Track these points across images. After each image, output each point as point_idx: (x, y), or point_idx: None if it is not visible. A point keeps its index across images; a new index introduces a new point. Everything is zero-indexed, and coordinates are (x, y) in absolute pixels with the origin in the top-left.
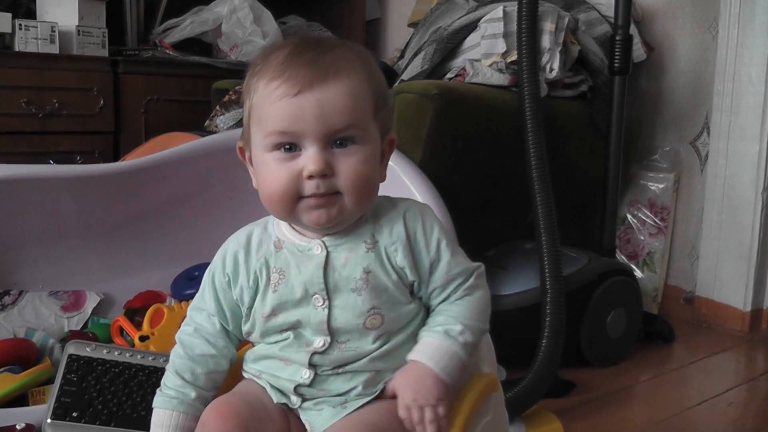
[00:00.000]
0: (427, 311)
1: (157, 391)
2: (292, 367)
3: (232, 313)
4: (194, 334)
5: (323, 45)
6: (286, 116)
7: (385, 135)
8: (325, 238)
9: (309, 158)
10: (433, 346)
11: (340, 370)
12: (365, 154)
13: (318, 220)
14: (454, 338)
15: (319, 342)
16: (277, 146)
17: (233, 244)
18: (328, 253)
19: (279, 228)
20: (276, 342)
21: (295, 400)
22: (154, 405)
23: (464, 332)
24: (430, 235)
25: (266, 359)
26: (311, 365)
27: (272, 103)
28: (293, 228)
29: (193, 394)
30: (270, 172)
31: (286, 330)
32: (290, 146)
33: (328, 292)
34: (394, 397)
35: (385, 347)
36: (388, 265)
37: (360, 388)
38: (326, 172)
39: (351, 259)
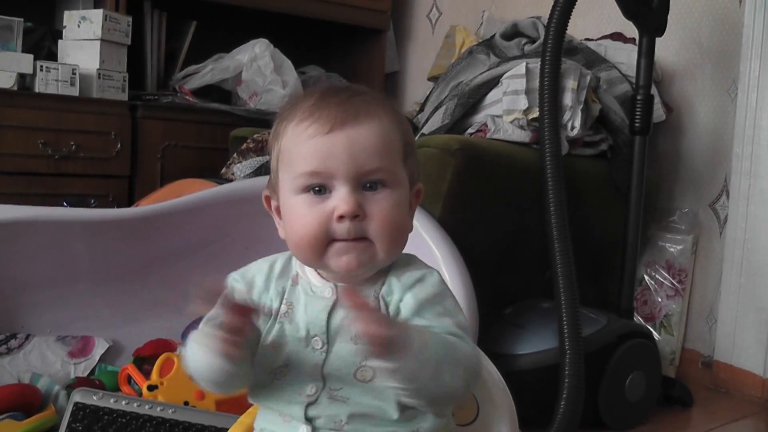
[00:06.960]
0: None
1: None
2: (289, 424)
3: None
4: None
5: (352, 90)
6: (316, 155)
7: (413, 184)
8: (339, 283)
9: (340, 199)
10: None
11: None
12: (396, 198)
13: (348, 265)
14: (413, 326)
15: (311, 389)
16: (307, 188)
17: (254, 271)
18: (337, 298)
19: (300, 263)
20: (272, 384)
21: None
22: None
23: (426, 335)
24: (432, 308)
25: (265, 410)
26: (308, 420)
27: (302, 143)
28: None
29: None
30: (299, 215)
31: (280, 369)
32: (320, 188)
33: (329, 336)
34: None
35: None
36: None
37: None
38: (357, 213)
39: None
